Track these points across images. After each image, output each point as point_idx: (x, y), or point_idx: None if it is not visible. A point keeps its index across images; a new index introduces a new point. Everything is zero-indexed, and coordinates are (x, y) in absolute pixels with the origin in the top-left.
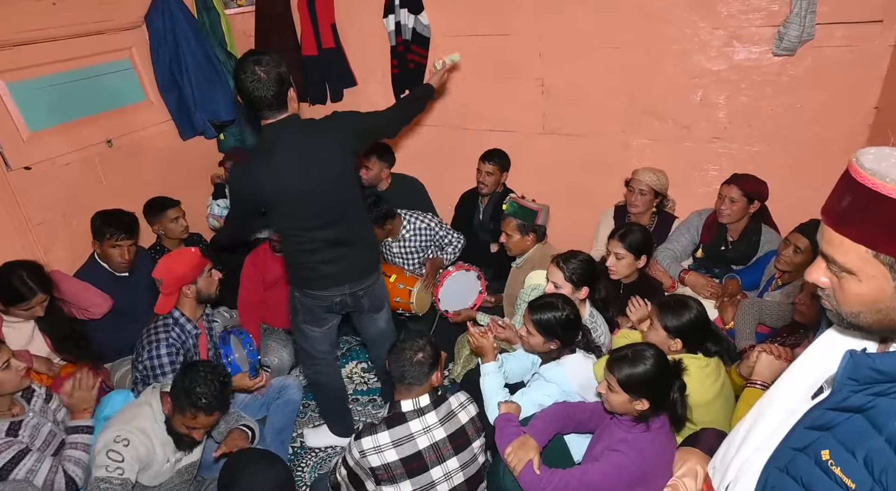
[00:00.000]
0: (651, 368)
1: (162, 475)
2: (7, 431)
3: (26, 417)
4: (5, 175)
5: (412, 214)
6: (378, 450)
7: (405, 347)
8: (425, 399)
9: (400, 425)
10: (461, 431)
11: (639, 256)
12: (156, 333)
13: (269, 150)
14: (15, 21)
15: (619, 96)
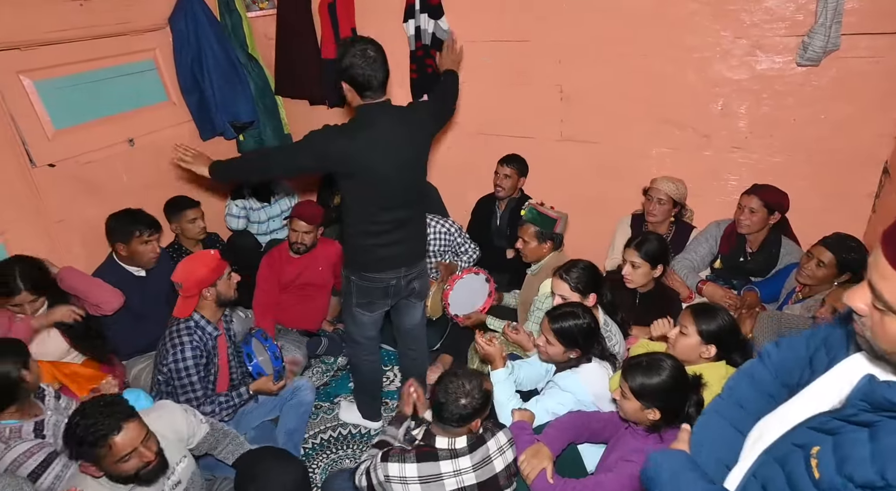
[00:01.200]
0: (666, 380)
1: None
2: (34, 432)
3: (46, 415)
4: (29, 172)
5: (433, 218)
6: (403, 481)
7: (452, 384)
8: (462, 441)
9: (430, 462)
10: (493, 479)
11: (655, 265)
12: (179, 335)
13: (370, 123)
14: (44, 21)
15: (638, 104)
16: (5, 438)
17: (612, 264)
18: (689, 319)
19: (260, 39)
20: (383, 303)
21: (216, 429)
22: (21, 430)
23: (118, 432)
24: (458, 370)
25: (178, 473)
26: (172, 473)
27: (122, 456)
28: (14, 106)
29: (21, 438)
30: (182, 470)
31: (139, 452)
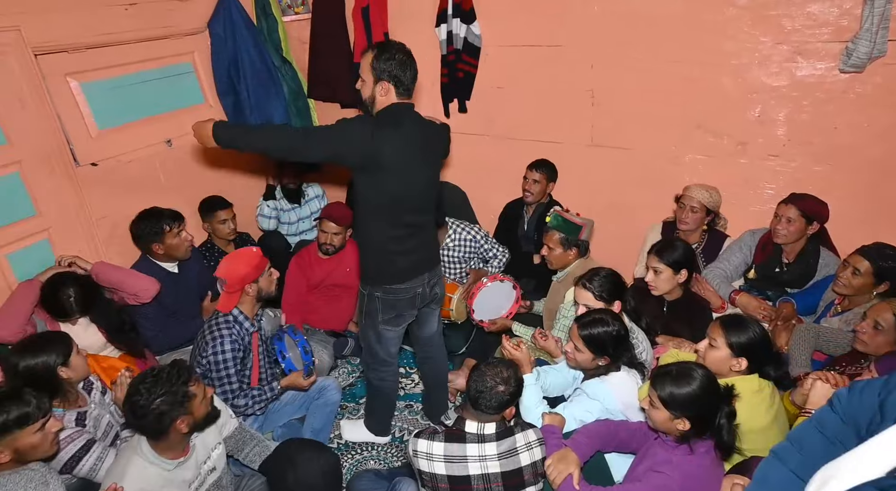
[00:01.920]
0: (696, 390)
1: None
2: (76, 421)
3: (89, 408)
4: (74, 170)
5: (459, 224)
6: (429, 457)
7: (489, 374)
8: (490, 428)
9: (457, 443)
10: (518, 471)
11: (678, 270)
12: (218, 329)
13: (401, 122)
14: (92, 25)
15: (671, 110)
16: None
17: (640, 271)
18: (719, 331)
19: (294, 43)
20: (410, 314)
21: (243, 428)
22: (63, 418)
23: (194, 384)
24: (492, 359)
25: (213, 460)
26: (209, 458)
27: (202, 396)
28: (61, 107)
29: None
30: (217, 456)
31: (206, 401)
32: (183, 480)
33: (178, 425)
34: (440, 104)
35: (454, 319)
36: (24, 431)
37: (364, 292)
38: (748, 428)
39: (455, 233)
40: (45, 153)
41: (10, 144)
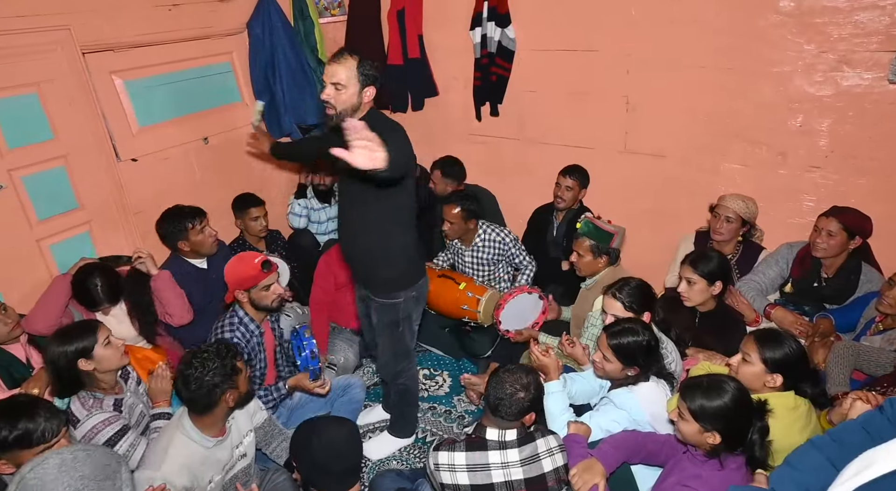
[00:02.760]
0: (727, 404)
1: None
2: (113, 406)
3: (125, 396)
4: (115, 166)
5: (489, 225)
6: (451, 469)
7: (508, 380)
8: (511, 434)
9: (479, 451)
10: (541, 478)
11: (712, 282)
12: (223, 331)
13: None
14: (136, 25)
15: (709, 118)
16: (88, 405)
17: (671, 281)
18: (753, 345)
19: (330, 45)
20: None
21: (273, 422)
22: (102, 402)
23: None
24: (511, 365)
25: (245, 446)
26: (241, 443)
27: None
28: (106, 104)
29: (101, 409)
30: (248, 443)
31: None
32: (218, 460)
33: (227, 398)
34: (472, 107)
35: (481, 321)
36: (25, 452)
37: (397, 300)
38: (782, 446)
39: (484, 233)
40: (89, 148)
41: (57, 139)
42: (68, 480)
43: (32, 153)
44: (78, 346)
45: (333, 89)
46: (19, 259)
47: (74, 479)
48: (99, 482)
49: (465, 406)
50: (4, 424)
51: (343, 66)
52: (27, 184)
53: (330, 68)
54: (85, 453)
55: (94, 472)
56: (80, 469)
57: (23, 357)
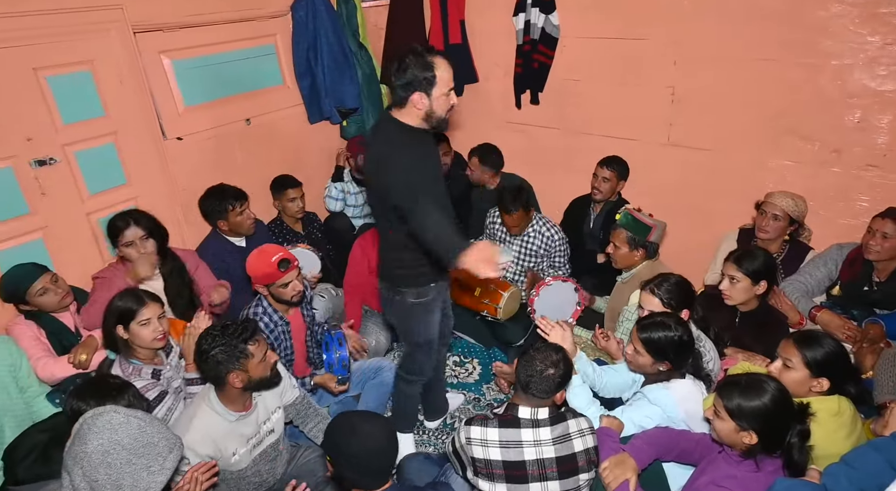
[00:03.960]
0: (766, 404)
1: (237, 464)
2: (151, 375)
3: (164, 368)
4: (162, 143)
5: (543, 218)
6: (484, 443)
7: (538, 358)
8: (544, 412)
9: (512, 428)
10: (571, 457)
11: (757, 281)
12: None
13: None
14: (185, 6)
15: (759, 111)
16: (128, 373)
17: (711, 279)
18: (793, 349)
19: (371, 29)
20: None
21: (306, 400)
22: (141, 371)
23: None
24: (539, 344)
25: (273, 421)
26: (269, 420)
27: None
28: (154, 83)
29: (140, 376)
30: (276, 419)
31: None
32: (241, 434)
33: (233, 379)
34: (512, 95)
35: (500, 317)
36: None
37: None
38: (823, 452)
39: (538, 224)
40: (137, 126)
41: (108, 116)
42: (103, 440)
43: (85, 129)
44: (120, 311)
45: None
46: (71, 232)
47: (110, 441)
48: (131, 456)
49: (495, 394)
50: (94, 402)
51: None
52: (79, 159)
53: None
54: (138, 423)
55: (134, 444)
56: (121, 434)
57: (71, 325)
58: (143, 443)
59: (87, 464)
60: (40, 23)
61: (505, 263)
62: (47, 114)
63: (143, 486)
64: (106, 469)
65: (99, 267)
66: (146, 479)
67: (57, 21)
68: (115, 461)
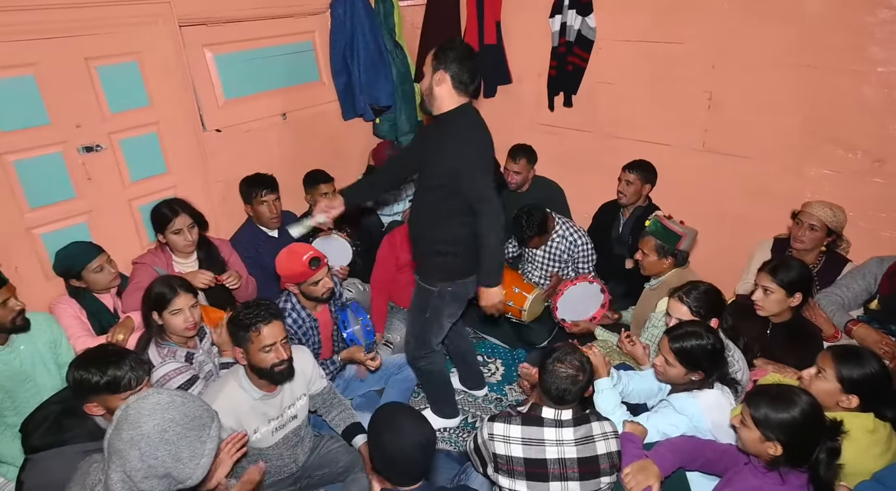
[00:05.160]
0: (795, 416)
1: (259, 443)
2: (185, 358)
3: (197, 352)
4: (201, 135)
5: (567, 223)
6: (506, 440)
7: (560, 368)
8: (567, 414)
9: (535, 427)
10: (593, 459)
11: (792, 293)
12: None
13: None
14: (224, 1)
15: (799, 118)
16: (163, 354)
17: (744, 288)
18: (829, 361)
19: (407, 28)
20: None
21: (332, 391)
22: (175, 353)
23: (266, 323)
24: (555, 351)
25: (297, 408)
26: (293, 405)
27: (265, 345)
28: (197, 75)
29: (174, 359)
30: (300, 406)
31: (277, 348)
32: (264, 414)
33: (237, 353)
34: (545, 97)
35: (524, 319)
36: (114, 396)
37: (432, 288)
38: (855, 470)
39: (562, 229)
40: (178, 117)
41: (152, 106)
42: (158, 419)
43: (130, 118)
44: (155, 297)
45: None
46: (113, 217)
47: (164, 419)
48: (185, 430)
49: (517, 395)
50: (96, 370)
51: (427, 58)
52: (123, 147)
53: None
54: (181, 400)
55: (184, 419)
56: (172, 412)
57: (111, 306)
58: (191, 417)
59: (147, 445)
60: (93, 14)
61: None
62: (96, 102)
63: (199, 454)
64: (166, 446)
65: (137, 252)
66: (200, 448)
67: (109, 13)
68: (172, 437)
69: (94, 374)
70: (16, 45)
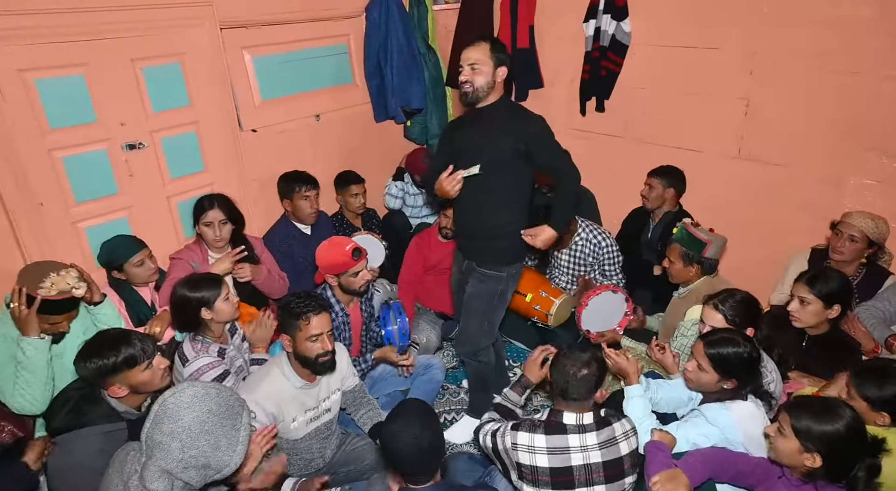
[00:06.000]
0: (839, 430)
1: (293, 432)
2: (217, 353)
3: (229, 347)
4: (238, 134)
5: (591, 225)
6: (531, 450)
7: (568, 361)
8: (589, 417)
9: (559, 435)
10: (618, 461)
11: (830, 304)
12: None
13: None
14: (264, 5)
15: (840, 126)
16: (197, 348)
17: (778, 299)
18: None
19: (440, 32)
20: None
21: (362, 389)
22: (209, 348)
23: (316, 314)
24: (565, 350)
25: (331, 401)
26: (328, 398)
27: (312, 335)
28: (235, 77)
29: (207, 353)
30: (334, 400)
31: (323, 339)
32: (302, 403)
33: (283, 338)
34: (577, 101)
35: (551, 324)
36: (134, 370)
37: (501, 274)
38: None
39: (585, 232)
40: (217, 117)
41: (192, 106)
42: (197, 412)
43: (171, 117)
44: (204, 295)
45: (471, 70)
46: (152, 213)
47: (203, 411)
48: (221, 419)
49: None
50: (110, 352)
51: (478, 49)
52: (164, 145)
53: (465, 53)
54: (216, 391)
55: (220, 409)
56: (209, 403)
57: (148, 300)
58: (225, 406)
59: (187, 436)
60: (140, 17)
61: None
62: (140, 101)
63: (235, 441)
64: (206, 436)
65: (174, 247)
66: (235, 436)
67: (154, 15)
68: (211, 428)
69: (110, 356)
70: (68, 46)
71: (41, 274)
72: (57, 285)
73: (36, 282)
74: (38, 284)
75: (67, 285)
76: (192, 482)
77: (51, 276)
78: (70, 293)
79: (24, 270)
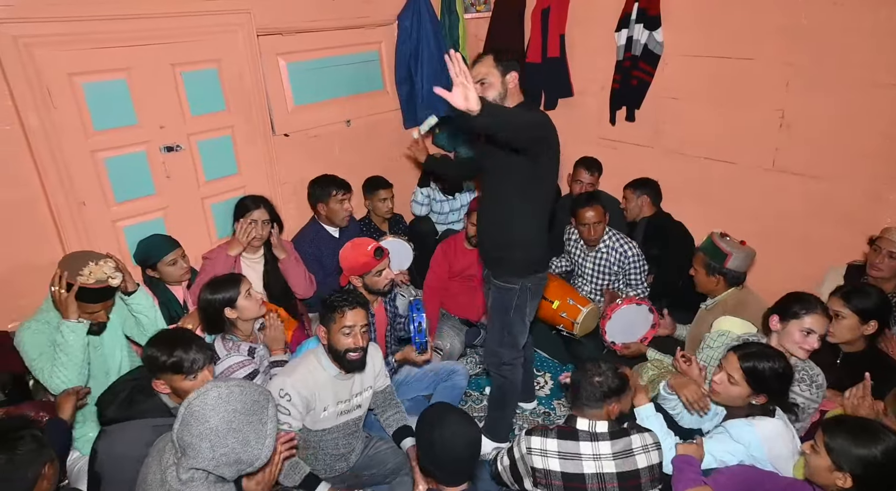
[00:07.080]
0: (876, 455)
1: (323, 422)
2: (247, 353)
3: (258, 347)
4: (270, 139)
5: (617, 234)
6: (543, 453)
7: (588, 367)
8: (602, 426)
9: (570, 440)
10: (634, 473)
11: (866, 320)
12: None
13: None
14: (303, 12)
15: (879, 139)
16: (229, 347)
17: None
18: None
19: (471, 40)
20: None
21: (392, 391)
22: (239, 347)
23: (352, 308)
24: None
25: (363, 398)
26: (360, 394)
27: (345, 326)
28: (270, 83)
29: (238, 352)
30: (365, 397)
31: (355, 334)
32: (335, 392)
33: (319, 330)
34: (607, 110)
35: (577, 332)
36: (178, 376)
37: (513, 286)
38: None
39: (609, 240)
40: (251, 121)
41: (228, 111)
42: (223, 412)
43: (208, 121)
44: (225, 295)
45: (480, 86)
46: (186, 214)
47: (228, 411)
48: (248, 416)
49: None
50: (164, 349)
51: (482, 64)
52: (200, 148)
53: (472, 71)
54: (240, 389)
55: (245, 407)
56: (233, 403)
57: (181, 298)
58: (250, 402)
59: (216, 436)
60: (180, 23)
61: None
62: (178, 105)
63: (263, 435)
64: (234, 435)
65: (207, 248)
66: (262, 429)
67: (194, 22)
68: (239, 426)
69: (162, 353)
70: (113, 51)
71: (80, 263)
72: (94, 274)
73: (75, 270)
74: (76, 272)
75: (104, 274)
76: (225, 476)
77: (89, 265)
78: (106, 282)
79: (65, 258)
